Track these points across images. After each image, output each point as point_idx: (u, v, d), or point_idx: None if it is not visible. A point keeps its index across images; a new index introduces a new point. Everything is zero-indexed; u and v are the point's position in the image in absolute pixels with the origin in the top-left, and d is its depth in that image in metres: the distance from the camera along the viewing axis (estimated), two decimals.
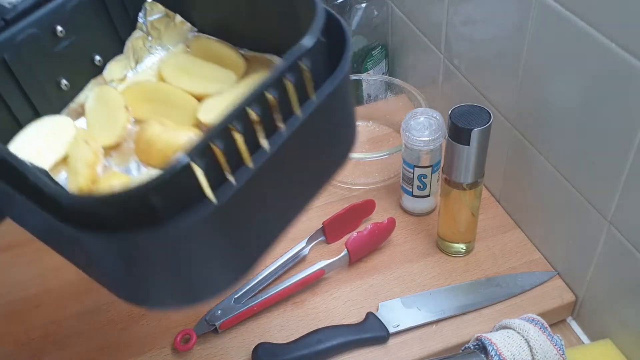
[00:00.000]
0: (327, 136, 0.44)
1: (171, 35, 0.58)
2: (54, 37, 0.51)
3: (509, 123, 0.73)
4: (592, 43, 0.55)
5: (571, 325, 0.72)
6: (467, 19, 0.76)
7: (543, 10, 0.61)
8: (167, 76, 0.56)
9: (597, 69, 0.56)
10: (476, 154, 0.64)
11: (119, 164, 0.52)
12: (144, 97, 0.55)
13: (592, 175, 0.62)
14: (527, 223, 0.78)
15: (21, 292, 0.76)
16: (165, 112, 0.54)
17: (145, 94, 0.55)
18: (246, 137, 0.36)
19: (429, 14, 0.86)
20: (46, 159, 0.50)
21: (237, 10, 0.53)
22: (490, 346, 0.60)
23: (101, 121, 0.54)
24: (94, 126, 0.54)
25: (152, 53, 0.58)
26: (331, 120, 0.43)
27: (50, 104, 0.53)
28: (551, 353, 0.61)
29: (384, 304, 0.70)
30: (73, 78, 0.54)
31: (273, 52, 0.53)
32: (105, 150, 0.52)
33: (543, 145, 0.69)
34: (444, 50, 0.84)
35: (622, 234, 0.60)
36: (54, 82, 0.53)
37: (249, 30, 0.54)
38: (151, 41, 0.58)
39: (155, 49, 0.58)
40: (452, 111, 0.64)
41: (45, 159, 0.50)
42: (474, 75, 0.79)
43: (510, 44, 0.68)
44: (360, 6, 0.96)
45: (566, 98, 0.62)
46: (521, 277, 0.72)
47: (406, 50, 0.97)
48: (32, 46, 0.50)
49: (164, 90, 0.55)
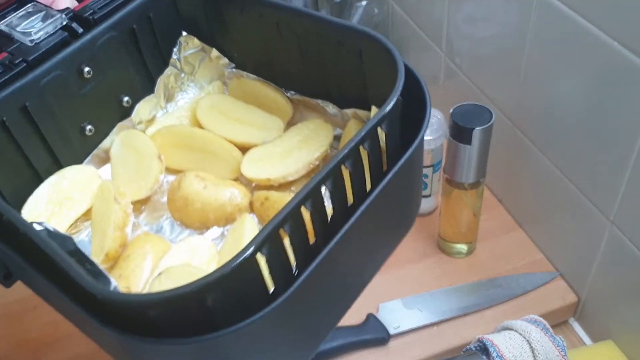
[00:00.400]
0: (397, 205, 0.39)
1: (206, 71, 0.52)
2: (80, 79, 0.46)
3: (511, 122, 0.73)
4: (594, 41, 0.55)
5: (573, 327, 0.72)
6: (468, 17, 0.76)
7: (544, 8, 0.60)
8: (204, 120, 0.50)
9: (600, 67, 0.56)
10: (478, 153, 0.64)
11: (150, 221, 0.46)
12: (177, 143, 0.49)
13: (594, 175, 0.61)
14: (529, 223, 0.77)
15: (18, 293, 0.76)
16: (202, 162, 0.48)
17: (179, 140, 0.49)
18: (315, 218, 0.32)
19: (430, 12, 0.85)
20: (68, 214, 0.45)
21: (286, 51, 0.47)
22: (491, 347, 0.60)
23: (130, 171, 0.47)
24: (122, 177, 0.47)
25: (184, 90, 0.52)
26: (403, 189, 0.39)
27: (73, 151, 0.48)
28: (553, 354, 0.60)
29: (385, 305, 0.69)
30: (98, 122, 0.49)
31: (324, 98, 0.47)
32: (135, 205, 0.46)
33: (545, 144, 0.68)
34: (445, 48, 0.84)
35: (624, 235, 0.60)
36: (78, 128, 0.47)
37: (298, 72, 0.48)
38: (184, 78, 0.52)
39: (188, 86, 0.52)
40: (453, 110, 0.64)
41: (67, 215, 0.45)
42: (476, 74, 0.78)
43: (512, 43, 0.67)
44: (360, 4, 0.96)
45: (568, 97, 0.62)
46: (523, 278, 0.72)
47: (407, 49, 0.97)
48: (56, 90, 0.45)
49: (201, 136, 0.48)
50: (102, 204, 0.45)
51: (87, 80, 0.46)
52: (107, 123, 0.49)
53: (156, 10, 0.48)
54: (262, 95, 0.50)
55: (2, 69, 0.42)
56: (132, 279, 0.41)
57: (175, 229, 0.46)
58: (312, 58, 0.45)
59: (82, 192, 0.46)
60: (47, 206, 0.44)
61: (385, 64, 0.38)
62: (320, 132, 0.47)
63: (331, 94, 0.47)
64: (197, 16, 0.50)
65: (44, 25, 0.44)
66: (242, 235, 0.42)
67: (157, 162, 0.47)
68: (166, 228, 0.46)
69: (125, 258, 0.42)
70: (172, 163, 0.49)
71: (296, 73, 0.48)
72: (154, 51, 0.50)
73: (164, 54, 0.51)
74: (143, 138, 0.48)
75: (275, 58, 0.48)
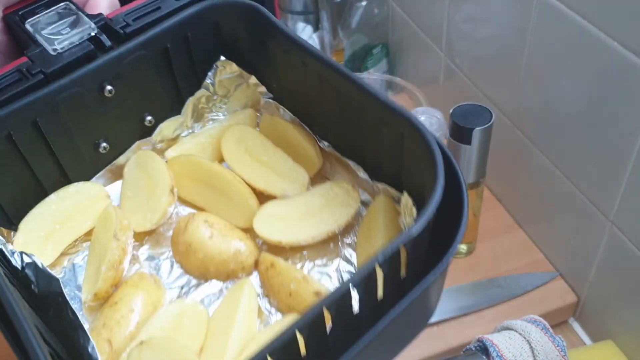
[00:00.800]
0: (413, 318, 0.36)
1: (241, 96, 0.49)
2: (100, 97, 0.42)
3: (511, 122, 0.73)
4: (594, 41, 0.55)
5: (573, 327, 0.72)
6: (468, 17, 0.76)
7: (544, 8, 0.60)
8: (227, 154, 0.46)
9: (599, 67, 0.56)
10: (477, 153, 0.64)
11: (150, 257, 0.44)
12: (194, 176, 0.45)
13: (594, 175, 0.61)
14: (529, 223, 0.77)
15: None
16: (215, 202, 0.45)
17: (197, 173, 0.45)
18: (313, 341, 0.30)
19: (430, 12, 0.85)
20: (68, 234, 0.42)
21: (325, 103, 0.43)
22: (491, 347, 0.60)
23: (139, 198, 0.44)
24: (130, 202, 0.44)
25: (215, 112, 0.49)
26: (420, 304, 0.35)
27: (83, 167, 0.44)
28: (553, 354, 0.60)
29: None
30: (115, 139, 0.45)
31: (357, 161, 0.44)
32: (138, 235, 0.44)
33: (545, 144, 0.68)
34: (445, 48, 0.84)
35: (624, 234, 0.60)
36: (92, 144, 0.44)
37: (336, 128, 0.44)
38: (216, 100, 0.48)
39: (219, 108, 0.49)
40: (453, 110, 0.64)
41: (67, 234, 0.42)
42: (475, 74, 0.78)
43: (512, 43, 0.67)
44: (360, 4, 0.96)
45: (568, 97, 0.62)
46: (523, 278, 0.72)
47: (407, 49, 0.97)
48: (72, 107, 0.41)
49: (219, 175, 0.45)
50: (101, 232, 0.42)
51: (108, 99, 0.42)
52: (125, 141, 0.46)
53: (195, 31, 0.45)
54: (294, 140, 0.46)
55: (18, 76, 0.39)
56: (116, 331, 0.38)
57: (174, 272, 0.43)
58: (352, 122, 0.42)
59: (85, 212, 0.43)
60: (47, 223, 0.42)
61: (424, 158, 0.35)
62: (345, 200, 0.44)
63: (365, 161, 0.44)
64: (240, 43, 0.46)
65: (71, 35, 0.40)
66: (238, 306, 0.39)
67: (168, 196, 0.44)
68: (164, 269, 0.43)
69: (112, 305, 0.39)
70: (184, 194, 0.46)
71: (334, 128, 0.45)
72: (187, 72, 0.46)
73: (198, 76, 0.47)
74: (159, 164, 0.45)
75: (314, 106, 0.45)
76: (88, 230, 0.43)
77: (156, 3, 0.43)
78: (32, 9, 0.43)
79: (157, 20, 0.43)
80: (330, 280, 0.42)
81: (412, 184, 0.39)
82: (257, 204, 0.44)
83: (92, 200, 0.44)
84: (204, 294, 0.42)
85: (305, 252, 0.43)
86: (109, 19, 0.42)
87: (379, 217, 0.42)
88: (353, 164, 0.44)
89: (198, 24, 0.44)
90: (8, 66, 0.39)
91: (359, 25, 0.97)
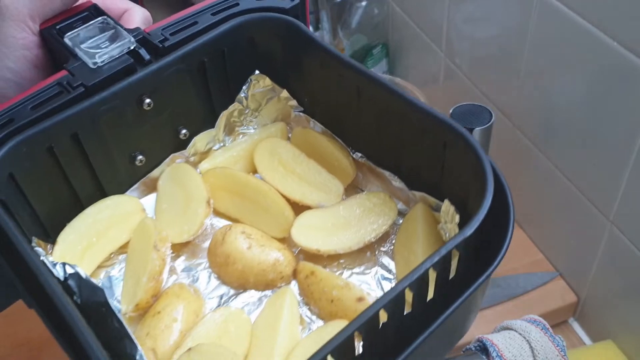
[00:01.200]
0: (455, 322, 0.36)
1: (272, 109, 0.49)
2: (138, 110, 0.42)
3: (511, 122, 0.73)
4: (594, 42, 0.55)
5: (573, 326, 0.72)
6: (468, 17, 0.76)
7: (544, 8, 0.60)
8: (260, 165, 0.46)
9: (599, 68, 0.56)
10: None
11: (187, 268, 0.44)
12: (229, 188, 0.46)
13: (594, 175, 0.61)
14: (528, 223, 0.77)
15: None
16: (251, 214, 0.45)
17: (232, 185, 0.46)
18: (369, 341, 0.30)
19: (430, 12, 0.85)
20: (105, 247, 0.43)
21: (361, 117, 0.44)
22: (491, 347, 0.60)
23: (175, 210, 0.44)
24: (166, 215, 0.45)
25: (246, 126, 0.49)
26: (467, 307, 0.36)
27: (119, 180, 0.45)
28: (553, 354, 0.60)
29: None
30: (150, 152, 0.45)
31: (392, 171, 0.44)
32: (174, 247, 0.44)
33: (545, 144, 0.68)
34: (445, 48, 0.84)
35: (624, 234, 0.60)
36: (128, 157, 0.44)
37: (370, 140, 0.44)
38: (247, 113, 0.49)
39: (250, 122, 0.49)
40: (453, 110, 0.64)
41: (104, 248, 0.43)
42: (475, 74, 0.78)
43: (512, 43, 0.67)
44: (360, 4, 0.96)
45: (568, 97, 0.62)
46: (523, 278, 0.72)
47: (407, 49, 0.97)
48: (111, 120, 0.41)
49: (255, 187, 0.45)
50: (140, 244, 0.42)
51: (146, 112, 0.43)
52: (159, 153, 0.46)
53: (231, 46, 0.45)
54: (327, 151, 0.47)
55: (59, 89, 0.39)
56: (160, 341, 0.39)
57: (211, 282, 0.43)
58: (389, 133, 0.42)
59: (121, 225, 0.43)
60: (84, 236, 0.42)
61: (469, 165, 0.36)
62: (383, 209, 0.44)
63: (402, 171, 0.44)
64: (274, 57, 0.47)
65: (111, 48, 0.41)
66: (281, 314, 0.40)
67: (204, 208, 0.44)
68: (202, 279, 0.43)
69: (155, 314, 0.40)
70: (220, 206, 0.46)
71: (368, 139, 0.45)
72: (222, 86, 0.47)
73: (231, 90, 0.47)
74: (195, 177, 0.45)
75: (348, 118, 0.45)
76: (124, 243, 0.44)
77: (193, 18, 0.44)
78: (69, 23, 0.43)
79: (194, 34, 0.43)
80: (369, 287, 0.42)
81: (452, 193, 0.39)
82: (292, 215, 0.44)
83: (128, 213, 0.44)
84: (243, 302, 0.42)
85: (342, 260, 0.44)
86: (146, 33, 0.43)
87: (418, 225, 0.42)
88: (388, 173, 0.45)
89: (234, 39, 0.45)
90: (48, 79, 0.39)
91: (359, 25, 0.98)
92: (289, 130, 0.50)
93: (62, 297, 0.30)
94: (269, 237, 0.44)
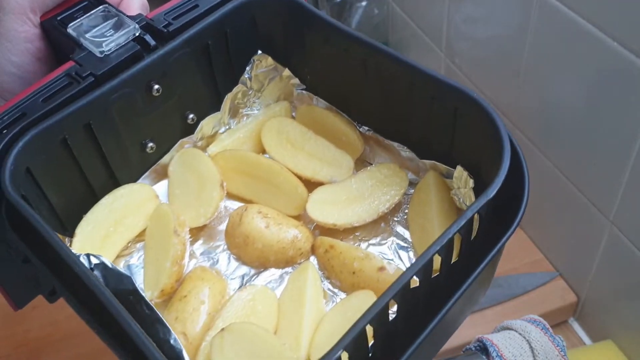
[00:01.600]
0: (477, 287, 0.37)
1: (275, 89, 0.49)
2: (148, 96, 0.42)
3: (511, 122, 0.73)
4: (594, 42, 0.55)
5: (573, 326, 0.72)
6: (468, 18, 0.76)
7: (544, 8, 0.60)
8: (269, 145, 0.47)
9: (599, 68, 0.56)
10: None
11: (206, 251, 0.44)
12: (240, 169, 0.46)
13: (594, 175, 0.61)
14: (529, 224, 0.77)
15: None
16: (264, 193, 0.45)
17: (243, 167, 0.46)
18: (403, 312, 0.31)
19: (430, 12, 0.85)
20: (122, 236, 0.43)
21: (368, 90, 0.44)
22: (491, 347, 0.60)
23: (189, 195, 0.45)
24: (180, 200, 0.45)
25: (249, 107, 0.49)
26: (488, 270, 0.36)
27: (130, 168, 0.45)
28: (553, 354, 0.60)
29: None
30: (160, 139, 0.45)
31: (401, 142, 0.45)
32: (191, 231, 0.44)
33: (545, 144, 0.68)
34: (444, 49, 0.84)
35: (624, 234, 0.60)
36: (139, 145, 0.44)
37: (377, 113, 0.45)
38: (251, 94, 0.49)
39: (254, 103, 0.49)
40: None
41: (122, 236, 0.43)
42: (475, 75, 0.78)
43: (512, 43, 0.67)
44: (360, 4, 0.96)
45: (568, 97, 0.62)
46: (523, 278, 0.72)
47: (407, 49, 0.97)
48: (122, 108, 0.41)
49: (267, 166, 0.45)
50: (158, 230, 0.43)
51: (155, 98, 0.43)
52: (169, 139, 0.46)
53: (233, 27, 0.45)
54: (333, 126, 0.47)
55: (68, 80, 0.39)
56: (189, 324, 0.39)
57: (232, 263, 0.44)
58: (398, 104, 0.43)
59: (137, 213, 0.44)
60: (101, 227, 0.42)
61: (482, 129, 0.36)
62: (394, 180, 0.45)
63: (411, 140, 0.44)
64: (276, 36, 0.47)
65: (116, 36, 0.41)
66: (305, 288, 0.40)
67: (219, 190, 0.44)
68: (222, 261, 0.44)
69: (181, 298, 0.40)
70: (232, 189, 0.46)
71: (374, 112, 0.45)
72: (226, 68, 0.47)
73: (235, 71, 0.47)
74: (206, 160, 0.45)
75: (353, 93, 0.45)
76: (141, 231, 0.44)
77: (194, 1, 0.44)
78: (70, 14, 0.43)
79: (197, 18, 0.43)
80: (387, 256, 0.43)
81: (464, 159, 0.40)
82: (306, 192, 0.45)
83: (143, 201, 0.44)
84: (265, 280, 0.43)
85: (358, 233, 0.44)
86: (149, 19, 0.43)
87: (431, 192, 0.43)
88: (397, 144, 0.45)
89: (236, 20, 0.45)
90: (56, 71, 0.39)
91: (359, 25, 0.97)
92: (293, 109, 0.50)
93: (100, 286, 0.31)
94: (284, 215, 0.44)
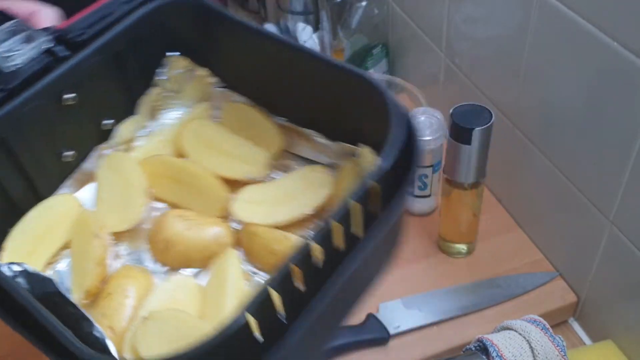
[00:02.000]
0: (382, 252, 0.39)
1: (193, 90, 0.50)
2: (61, 106, 0.43)
3: (511, 122, 0.73)
4: (594, 42, 0.55)
5: (573, 326, 0.72)
6: (468, 17, 0.76)
7: (545, 8, 0.60)
8: (189, 149, 0.48)
9: (599, 68, 0.56)
10: (477, 153, 0.64)
11: (131, 251, 0.45)
12: (165, 174, 0.47)
13: (594, 174, 0.61)
14: (528, 223, 0.77)
15: None
16: (188, 197, 0.47)
17: (168, 172, 0.47)
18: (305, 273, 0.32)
19: (430, 12, 0.85)
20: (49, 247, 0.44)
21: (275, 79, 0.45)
22: (491, 347, 0.60)
23: (115, 198, 0.46)
24: (106, 203, 0.46)
25: (169, 109, 0.50)
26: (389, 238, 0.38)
27: (49, 177, 0.45)
28: (553, 354, 0.60)
29: (385, 305, 0.69)
30: (77, 147, 0.46)
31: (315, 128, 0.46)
32: (116, 234, 0.45)
33: (545, 144, 0.68)
34: (444, 49, 0.84)
35: (624, 234, 0.60)
36: (55, 154, 0.45)
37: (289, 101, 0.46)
38: (168, 96, 0.50)
39: (173, 105, 0.50)
40: (453, 110, 0.64)
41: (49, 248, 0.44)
42: (475, 74, 0.78)
43: (512, 43, 0.67)
44: (360, 4, 0.96)
45: (568, 97, 0.62)
46: (523, 278, 0.72)
47: (407, 49, 0.97)
48: (35, 119, 0.41)
49: (190, 171, 0.47)
50: (81, 236, 0.43)
51: (68, 107, 0.43)
52: (86, 147, 0.47)
53: (145, 32, 0.46)
54: (255, 122, 0.48)
55: None
56: (115, 318, 0.40)
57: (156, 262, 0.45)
58: (302, 88, 0.44)
59: (62, 224, 0.45)
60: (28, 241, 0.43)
61: (376, 105, 0.37)
62: (320, 183, 0.46)
63: (322, 125, 0.46)
64: (189, 38, 0.48)
65: (27, 50, 0.41)
66: (226, 272, 0.41)
67: (143, 197, 0.45)
68: (148, 260, 0.45)
69: (106, 296, 0.41)
70: (160, 193, 0.47)
71: (286, 101, 0.47)
72: (140, 73, 0.48)
73: (151, 75, 0.48)
74: (133, 166, 0.46)
75: (265, 84, 0.47)
76: (68, 241, 0.45)
77: (109, 9, 0.45)
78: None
79: (109, 25, 0.44)
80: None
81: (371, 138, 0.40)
82: (227, 192, 0.46)
83: (67, 211, 0.45)
84: (191, 272, 0.44)
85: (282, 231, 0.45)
86: (62, 29, 0.43)
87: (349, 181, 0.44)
88: (310, 131, 0.46)
89: (147, 25, 0.46)
90: None
91: (359, 25, 0.97)
92: (216, 108, 0.51)
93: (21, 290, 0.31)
94: (206, 215, 0.45)
